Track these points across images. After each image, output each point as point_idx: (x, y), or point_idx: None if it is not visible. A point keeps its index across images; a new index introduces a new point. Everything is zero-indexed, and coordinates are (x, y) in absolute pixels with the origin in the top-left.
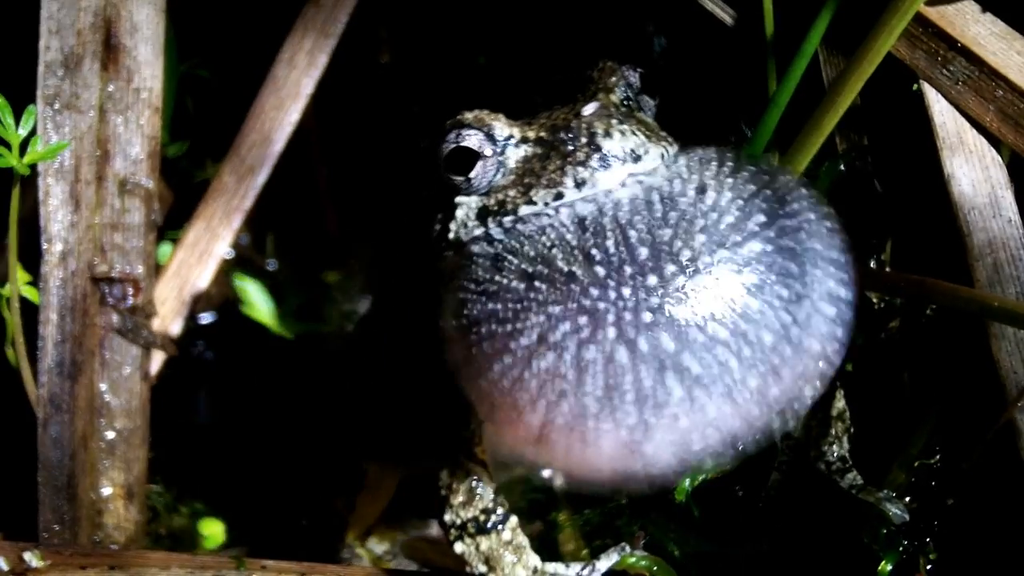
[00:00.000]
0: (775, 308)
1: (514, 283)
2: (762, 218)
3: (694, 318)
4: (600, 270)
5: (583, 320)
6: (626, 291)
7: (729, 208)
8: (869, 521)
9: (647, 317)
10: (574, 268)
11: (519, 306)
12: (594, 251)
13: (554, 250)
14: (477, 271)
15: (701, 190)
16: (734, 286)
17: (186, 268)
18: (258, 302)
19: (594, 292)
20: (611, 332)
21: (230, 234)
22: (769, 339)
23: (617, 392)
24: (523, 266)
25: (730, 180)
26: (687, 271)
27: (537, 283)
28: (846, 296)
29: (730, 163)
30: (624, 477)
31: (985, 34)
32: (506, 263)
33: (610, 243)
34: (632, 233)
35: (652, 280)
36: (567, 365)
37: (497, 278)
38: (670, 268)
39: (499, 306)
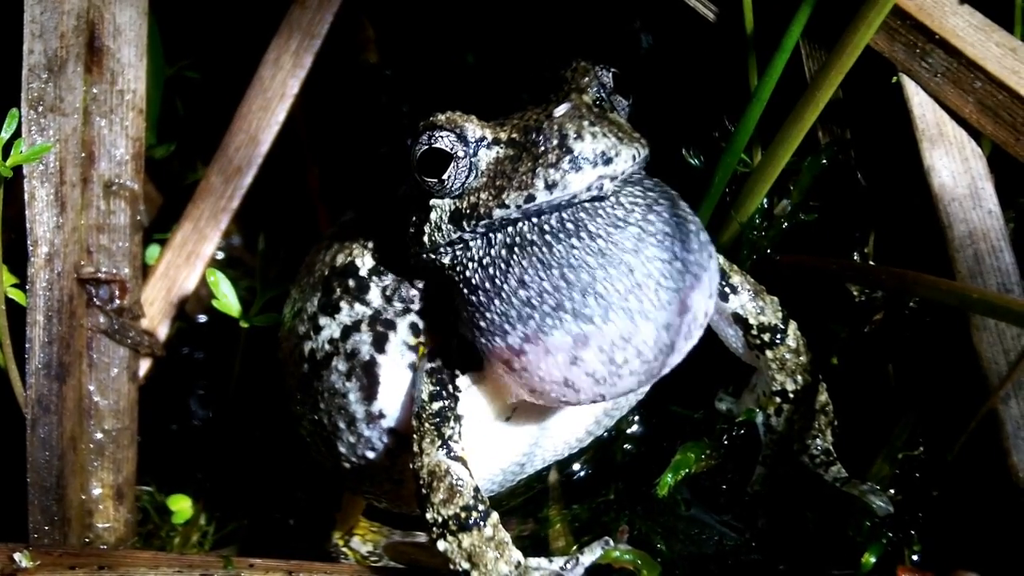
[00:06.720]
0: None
1: (507, 285)
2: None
3: (618, 292)
4: (572, 277)
5: (551, 301)
6: (577, 294)
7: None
8: (853, 514)
9: (590, 299)
10: (549, 280)
11: (510, 302)
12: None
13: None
14: (472, 277)
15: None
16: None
17: (174, 269)
18: (227, 294)
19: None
20: (567, 311)
21: (218, 235)
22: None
23: (563, 322)
24: (519, 276)
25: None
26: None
27: (528, 291)
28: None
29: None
30: (573, 388)
31: (963, 26)
32: (499, 272)
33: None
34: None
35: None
36: (541, 315)
37: (489, 284)
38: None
39: (494, 302)
